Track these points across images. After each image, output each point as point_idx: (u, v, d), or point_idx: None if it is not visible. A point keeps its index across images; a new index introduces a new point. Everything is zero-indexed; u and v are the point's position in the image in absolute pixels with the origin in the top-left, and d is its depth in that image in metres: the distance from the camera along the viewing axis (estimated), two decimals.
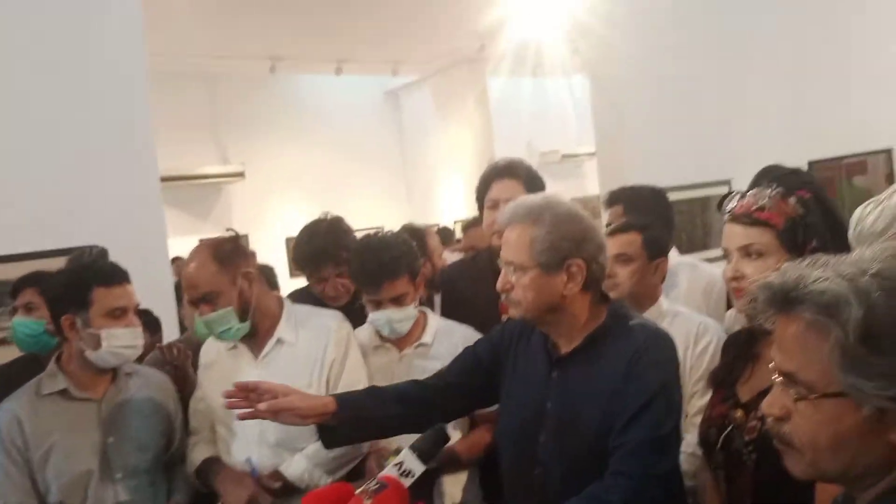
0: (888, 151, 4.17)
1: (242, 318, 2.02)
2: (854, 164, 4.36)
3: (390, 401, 1.72)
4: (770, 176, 1.59)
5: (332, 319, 2.16)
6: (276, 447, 2.02)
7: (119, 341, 1.94)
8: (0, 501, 1.88)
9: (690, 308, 2.26)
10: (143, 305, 3.08)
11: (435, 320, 2.26)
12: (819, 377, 0.86)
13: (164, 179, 8.47)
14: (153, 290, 3.30)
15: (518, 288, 1.56)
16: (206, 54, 7.45)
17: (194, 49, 7.20)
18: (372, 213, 9.63)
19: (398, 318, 2.13)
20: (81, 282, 1.94)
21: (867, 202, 1.25)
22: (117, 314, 1.92)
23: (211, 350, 2.19)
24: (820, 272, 0.88)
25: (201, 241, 2.12)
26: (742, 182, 4.49)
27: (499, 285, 1.60)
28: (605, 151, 4.91)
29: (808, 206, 1.49)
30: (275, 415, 1.60)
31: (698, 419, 1.67)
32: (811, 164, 4.46)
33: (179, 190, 8.37)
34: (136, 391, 2.07)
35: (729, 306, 2.21)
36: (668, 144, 4.48)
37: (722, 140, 4.64)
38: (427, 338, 2.19)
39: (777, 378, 0.92)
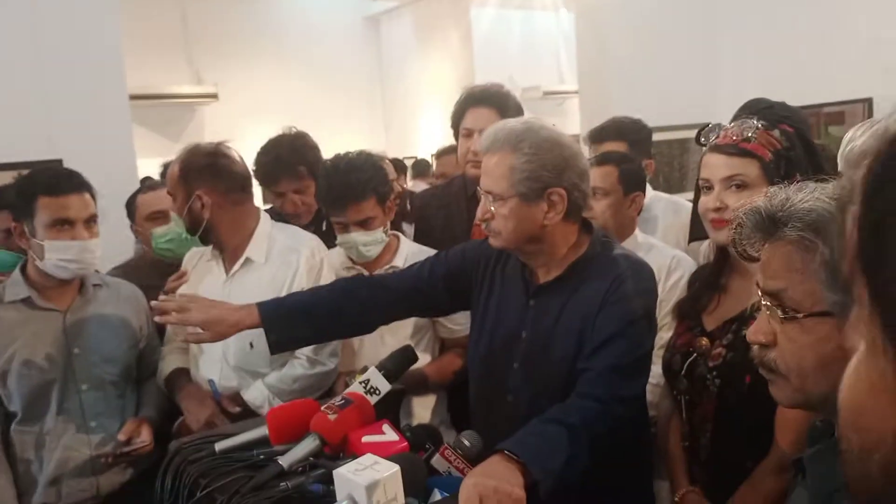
0: (867, 101, 4.16)
1: (191, 233, 2.02)
2: (833, 113, 4.35)
3: (322, 302, 1.68)
4: (752, 109, 1.56)
5: (305, 246, 2.11)
6: (236, 369, 2.01)
7: (60, 254, 1.87)
8: None
9: (668, 243, 2.26)
10: (107, 224, 3.05)
11: (407, 245, 2.22)
12: (805, 296, 0.86)
13: (134, 98, 8.24)
14: (121, 209, 3.24)
15: (498, 217, 1.52)
16: None
17: None
18: (348, 142, 9.43)
19: (364, 241, 2.08)
20: (27, 190, 1.89)
21: (860, 123, 1.24)
22: (61, 225, 1.85)
23: (193, 257, 2.19)
24: (805, 194, 0.88)
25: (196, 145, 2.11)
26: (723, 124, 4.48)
27: (478, 214, 1.56)
28: (588, 89, 4.85)
29: (792, 140, 1.48)
30: (203, 325, 1.61)
31: (662, 352, 1.69)
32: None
33: (150, 109, 8.15)
34: (104, 302, 2.04)
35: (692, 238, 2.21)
36: (650, 85, 4.44)
37: (702, 84, 4.60)
38: (398, 261, 2.15)
39: (763, 303, 0.92)
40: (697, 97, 4.58)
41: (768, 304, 0.91)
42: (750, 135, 1.45)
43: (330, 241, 2.23)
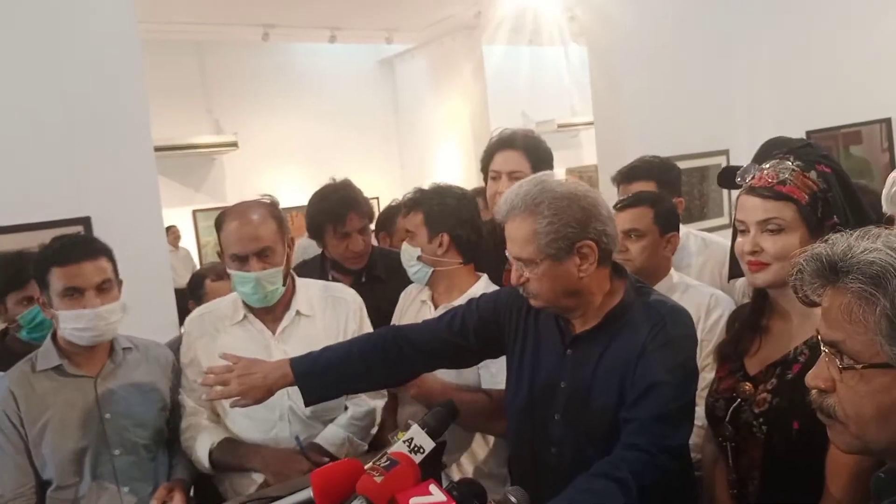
0: (886, 121, 4.15)
1: (283, 283, 2.02)
2: (850, 133, 4.34)
3: (352, 359, 1.71)
4: (781, 148, 1.54)
5: (344, 292, 2.15)
6: (308, 420, 2.01)
7: (73, 323, 1.88)
8: None
9: (703, 280, 2.24)
10: (136, 278, 3.09)
11: (482, 285, 2.16)
12: (865, 347, 0.85)
13: (156, 150, 8.43)
14: (148, 262, 3.28)
15: (533, 281, 1.51)
16: (197, 21, 7.32)
17: (185, 16, 7.08)
18: (365, 183, 9.51)
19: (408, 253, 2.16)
20: (41, 260, 1.91)
21: None
22: (71, 294, 1.86)
23: (205, 324, 2.09)
24: (868, 243, 0.87)
25: (246, 200, 2.05)
26: (739, 152, 4.49)
27: (513, 280, 1.55)
28: (603, 121, 4.87)
29: (829, 181, 1.45)
30: (242, 394, 1.67)
31: (705, 394, 1.66)
32: (808, 133, 4.44)
33: (172, 160, 8.30)
34: (134, 366, 2.05)
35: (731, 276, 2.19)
36: (666, 114, 4.45)
37: (719, 110, 4.61)
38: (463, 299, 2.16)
39: (823, 349, 0.91)
40: (713, 124, 4.59)
41: (827, 350, 0.90)
42: (786, 177, 1.43)
43: (372, 292, 2.28)
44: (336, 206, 2.46)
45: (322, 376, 1.67)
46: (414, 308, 2.23)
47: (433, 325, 1.78)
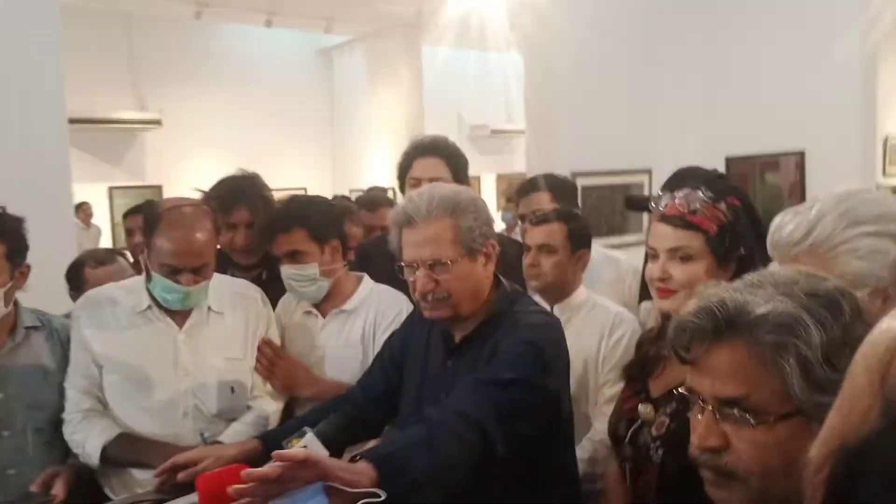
0: (800, 154, 4.35)
1: None
2: (767, 162, 4.53)
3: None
4: (693, 177, 1.59)
5: (250, 289, 2.10)
6: (215, 419, 1.93)
7: None
8: None
9: (611, 298, 2.28)
10: (44, 253, 2.92)
11: (366, 288, 2.18)
12: (772, 399, 0.83)
13: (73, 121, 8.04)
14: (54, 237, 3.12)
15: (447, 283, 1.50)
16: None
17: None
18: (295, 175, 9.42)
19: (292, 274, 2.08)
20: None
21: (786, 211, 1.26)
22: None
23: (101, 310, 1.96)
24: (762, 296, 0.86)
25: (184, 202, 1.94)
26: (662, 172, 4.62)
27: (420, 287, 1.52)
28: (533, 129, 4.93)
29: (738, 214, 1.50)
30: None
31: (608, 408, 1.69)
32: (728, 159, 4.61)
33: (89, 133, 7.93)
34: (38, 346, 1.95)
35: (642, 298, 2.25)
36: (595, 129, 4.54)
37: (644, 130, 4.74)
38: (349, 305, 2.14)
39: (707, 407, 0.88)
40: (639, 143, 4.71)
41: (716, 408, 0.87)
42: (697, 207, 1.47)
43: (273, 290, 2.20)
44: (225, 194, 2.36)
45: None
46: (298, 319, 2.18)
47: (366, 383, 1.79)
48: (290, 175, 9.30)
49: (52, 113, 3.32)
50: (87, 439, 1.87)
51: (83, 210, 7.56)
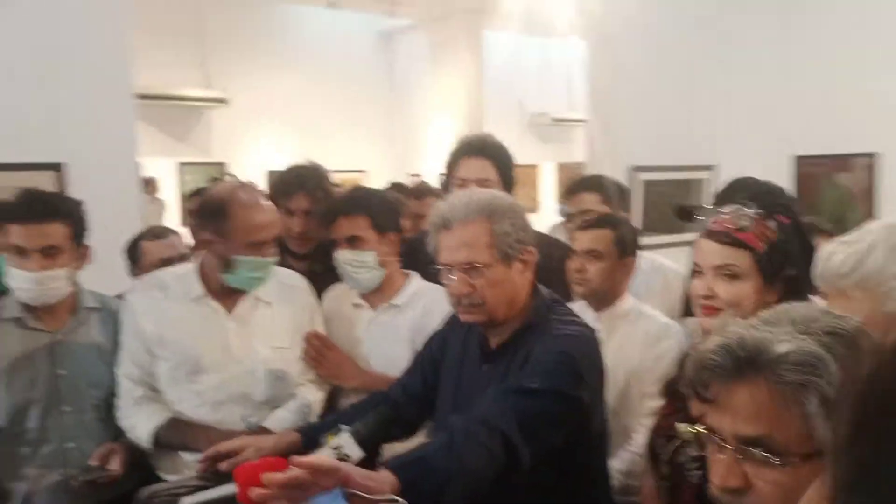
0: (871, 156, 4.16)
1: None
2: (838, 163, 4.36)
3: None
4: (745, 191, 1.54)
5: (294, 279, 2.14)
6: (262, 405, 1.99)
7: (18, 282, 1.89)
8: None
9: (655, 306, 2.23)
10: (110, 227, 3.02)
11: (415, 284, 2.21)
12: (794, 439, 0.82)
13: (142, 97, 8.26)
14: (119, 210, 3.22)
15: (479, 289, 1.51)
16: None
17: None
18: (355, 155, 9.50)
19: (349, 259, 2.11)
20: (1, 213, 1.91)
21: (836, 241, 1.21)
22: (17, 252, 1.87)
23: (153, 298, 2.01)
24: (780, 332, 0.84)
25: (237, 185, 2.02)
26: (727, 170, 4.49)
27: (456, 290, 1.54)
28: (595, 119, 4.84)
29: (787, 233, 1.45)
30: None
31: (648, 421, 1.66)
32: (797, 158, 4.45)
33: (159, 109, 8.15)
34: (98, 326, 2.03)
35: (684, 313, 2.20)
36: (659, 122, 4.43)
37: (709, 125, 4.60)
38: (400, 300, 2.16)
39: (728, 447, 0.87)
40: (704, 138, 4.57)
41: (737, 448, 0.86)
42: (745, 224, 1.43)
43: (324, 281, 2.25)
44: (289, 180, 2.43)
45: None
46: (347, 312, 2.21)
47: (407, 381, 1.81)
48: (350, 156, 9.39)
49: (119, 88, 3.40)
50: (137, 423, 1.94)
51: (151, 185, 7.79)
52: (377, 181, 7.94)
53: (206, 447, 1.73)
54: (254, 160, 8.43)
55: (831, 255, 1.16)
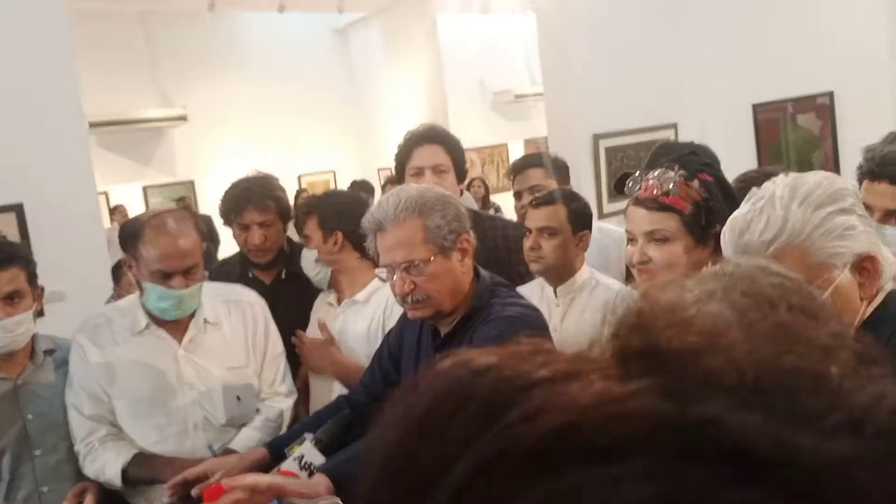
0: (829, 94, 4.19)
1: None
2: (797, 106, 4.39)
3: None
4: (668, 155, 1.57)
5: (244, 294, 2.13)
6: (224, 428, 1.97)
7: None
8: None
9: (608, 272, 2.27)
10: (72, 259, 2.99)
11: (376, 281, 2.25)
12: None
13: (101, 124, 8.20)
14: (83, 243, 3.19)
15: (423, 283, 1.53)
16: None
17: None
18: (323, 156, 9.47)
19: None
20: None
21: (744, 204, 1.21)
22: None
23: (99, 336, 1.98)
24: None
25: (163, 210, 1.99)
26: (687, 126, 4.50)
27: (398, 290, 1.56)
28: (552, 92, 4.84)
29: (711, 190, 1.48)
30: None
31: None
32: (755, 106, 4.48)
33: (119, 135, 8.08)
34: (56, 367, 2.02)
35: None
36: (616, 87, 4.44)
37: (667, 84, 4.60)
38: (361, 296, 2.21)
39: None
40: (661, 98, 4.58)
41: None
42: (669, 188, 1.46)
43: (292, 287, 2.34)
44: (237, 196, 2.46)
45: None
46: (322, 312, 2.29)
47: (367, 381, 1.83)
48: (319, 158, 9.35)
49: (70, 117, 3.36)
50: (105, 465, 1.92)
51: (119, 212, 7.73)
52: (347, 180, 7.91)
53: (174, 477, 1.73)
54: (220, 174, 8.37)
55: (747, 223, 1.17)
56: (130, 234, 1.90)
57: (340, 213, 2.21)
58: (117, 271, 2.71)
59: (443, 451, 0.28)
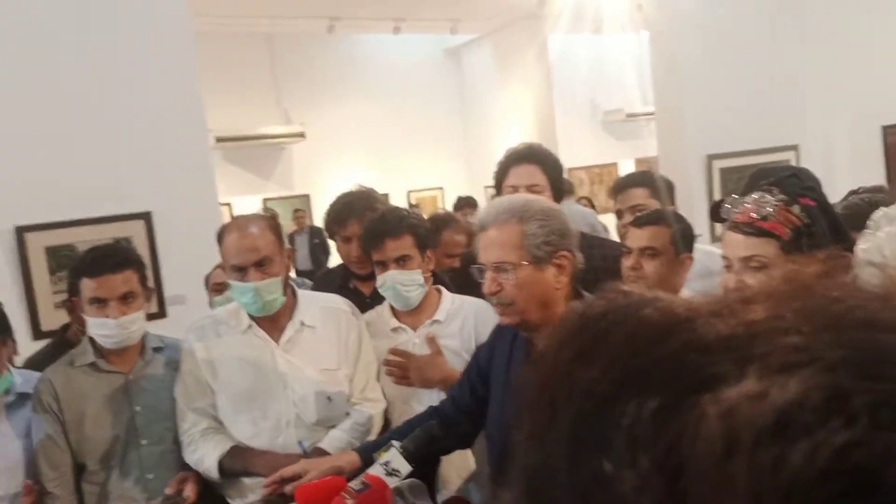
0: None
1: (283, 293, 2.07)
2: None
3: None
4: (768, 179, 1.48)
5: (337, 302, 2.19)
6: (314, 427, 2.05)
7: (98, 329, 2.04)
8: (43, 456, 2.04)
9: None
10: (194, 265, 3.19)
11: (448, 298, 2.24)
12: None
13: (225, 140, 8.71)
14: (205, 251, 3.38)
15: (508, 287, 1.54)
16: (264, 15, 7.49)
17: (253, 10, 7.25)
18: (432, 172, 9.64)
19: (401, 280, 2.13)
20: (74, 272, 2.10)
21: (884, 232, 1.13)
22: (97, 303, 2.02)
23: (206, 333, 2.10)
24: None
25: (243, 215, 2.16)
26: (810, 148, 4.26)
27: (486, 289, 1.57)
28: (664, 111, 4.73)
29: (814, 215, 1.39)
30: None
31: None
32: (885, 128, 4.20)
33: (243, 150, 8.55)
34: (163, 364, 2.17)
35: None
36: (731, 107, 4.27)
37: (787, 103, 4.38)
38: (440, 315, 2.18)
39: None
40: (781, 118, 4.37)
41: None
42: (768, 212, 1.38)
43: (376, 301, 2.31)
44: (340, 210, 2.54)
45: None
46: (385, 339, 2.21)
47: (456, 394, 1.85)
48: (427, 174, 9.53)
49: (195, 137, 3.60)
50: (204, 456, 2.02)
51: None
52: (453, 196, 8.02)
53: (266, 471, 1.80)
54: (334, 188, 8.67)
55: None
56: (218, 238, 2.05)
57: (429, 233, 2.23)
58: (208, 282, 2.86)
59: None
